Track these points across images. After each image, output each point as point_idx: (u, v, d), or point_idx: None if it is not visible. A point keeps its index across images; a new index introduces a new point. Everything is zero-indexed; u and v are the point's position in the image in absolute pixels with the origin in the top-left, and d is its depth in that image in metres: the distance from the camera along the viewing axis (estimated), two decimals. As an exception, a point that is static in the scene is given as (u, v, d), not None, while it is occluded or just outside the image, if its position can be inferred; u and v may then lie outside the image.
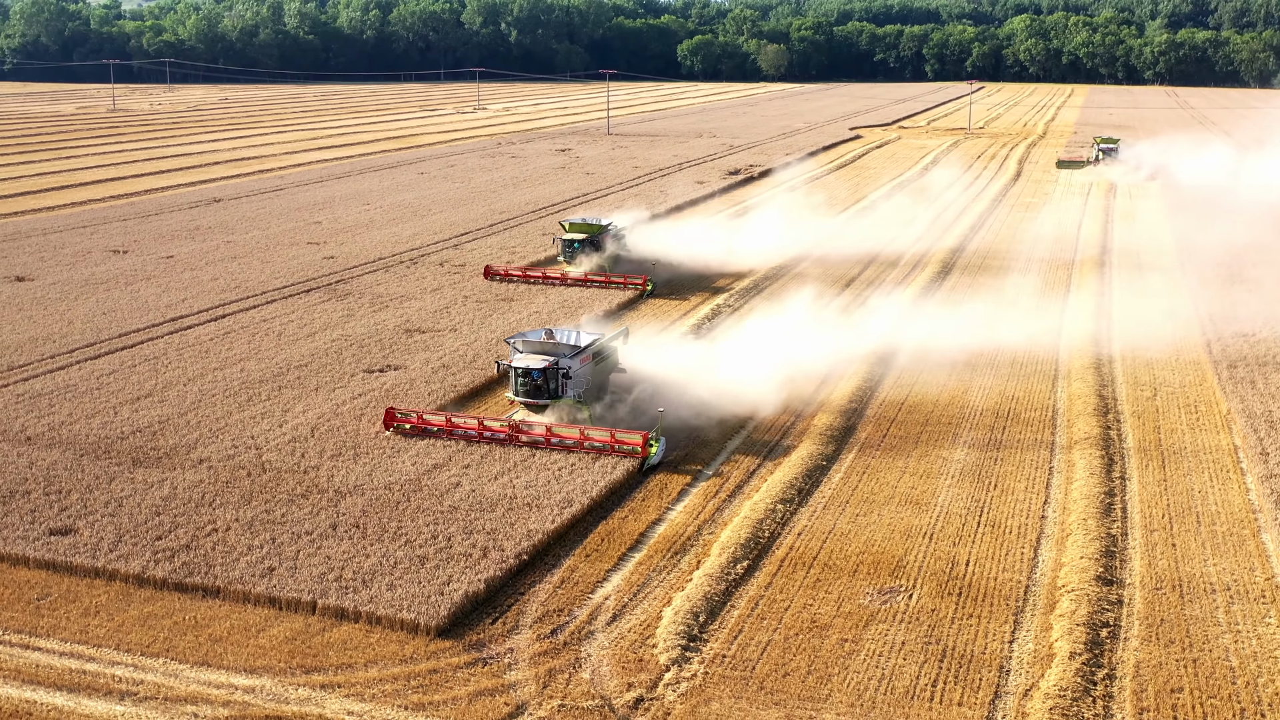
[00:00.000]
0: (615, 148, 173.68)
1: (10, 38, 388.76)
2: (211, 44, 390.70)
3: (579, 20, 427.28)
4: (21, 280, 79.74)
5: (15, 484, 43.83)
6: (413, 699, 31.00)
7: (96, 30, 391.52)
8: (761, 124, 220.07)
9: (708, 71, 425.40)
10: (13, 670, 32.17)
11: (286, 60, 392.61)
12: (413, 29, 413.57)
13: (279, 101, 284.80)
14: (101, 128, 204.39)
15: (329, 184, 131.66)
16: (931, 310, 72.15)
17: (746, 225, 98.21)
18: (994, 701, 31.16)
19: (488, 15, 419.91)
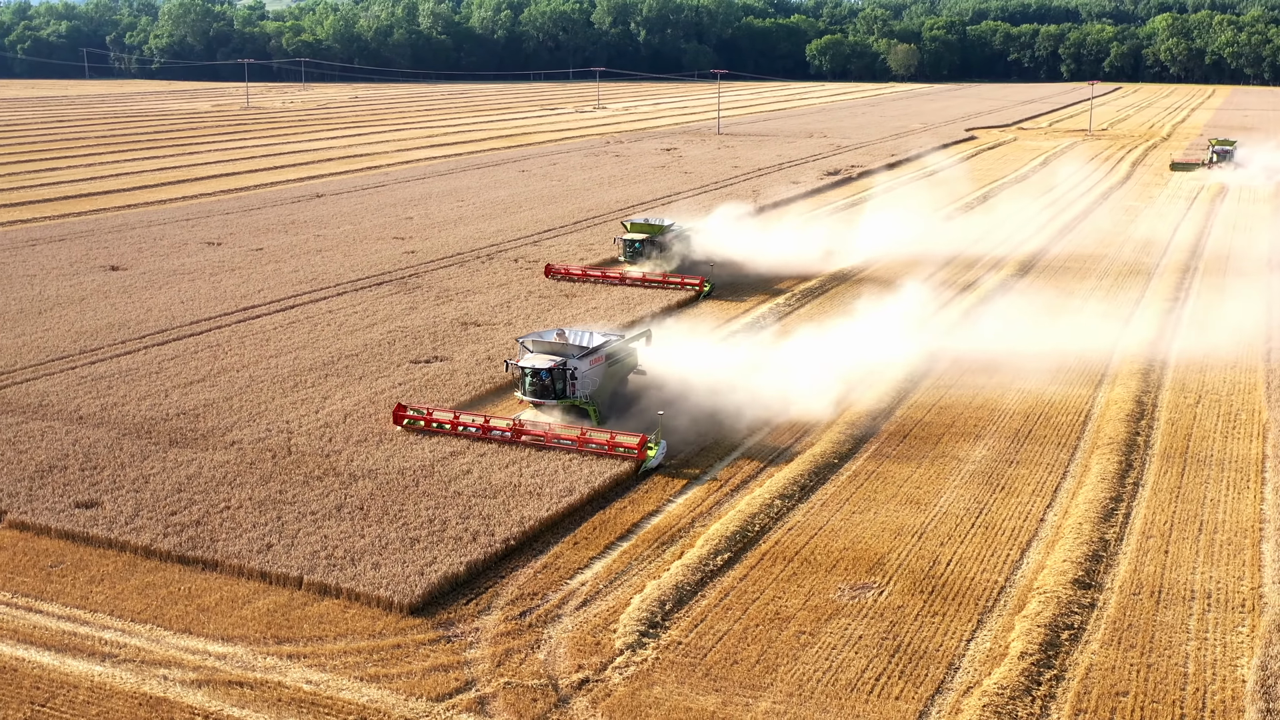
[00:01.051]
0: (721, 147, 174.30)
1: (159, 38, 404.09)
2: (348, 44, 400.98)
3: (708, 20, 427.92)
4: (115, 270, 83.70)
5: (55, 459, 46.53)
6: (370, 671, 32.46)
7: (239, 30, 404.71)
8: (877, 125, 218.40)
9: (836, 71, 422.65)
10: (11, 630, 34.47)
11: (419, 60, 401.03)
12: (543, 29, 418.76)
13: (405, 100, 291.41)
14: (231, 125, 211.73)
15: (430, 181, 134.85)
16: (990, 314, 71.46)
17: (827, 227, 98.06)
18: (933, 697, 31.46)
19: (617, 15, 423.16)
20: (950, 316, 71.14)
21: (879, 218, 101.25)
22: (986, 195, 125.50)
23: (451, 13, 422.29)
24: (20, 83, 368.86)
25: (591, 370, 49.75)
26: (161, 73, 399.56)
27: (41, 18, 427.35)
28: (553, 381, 49.03)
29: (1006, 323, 68.82)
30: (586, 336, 51.76)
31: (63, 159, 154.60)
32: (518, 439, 47.93)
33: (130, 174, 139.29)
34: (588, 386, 49.55)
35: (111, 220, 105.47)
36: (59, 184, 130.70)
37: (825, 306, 73.93)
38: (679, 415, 50.88)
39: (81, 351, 62.18)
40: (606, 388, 50.90)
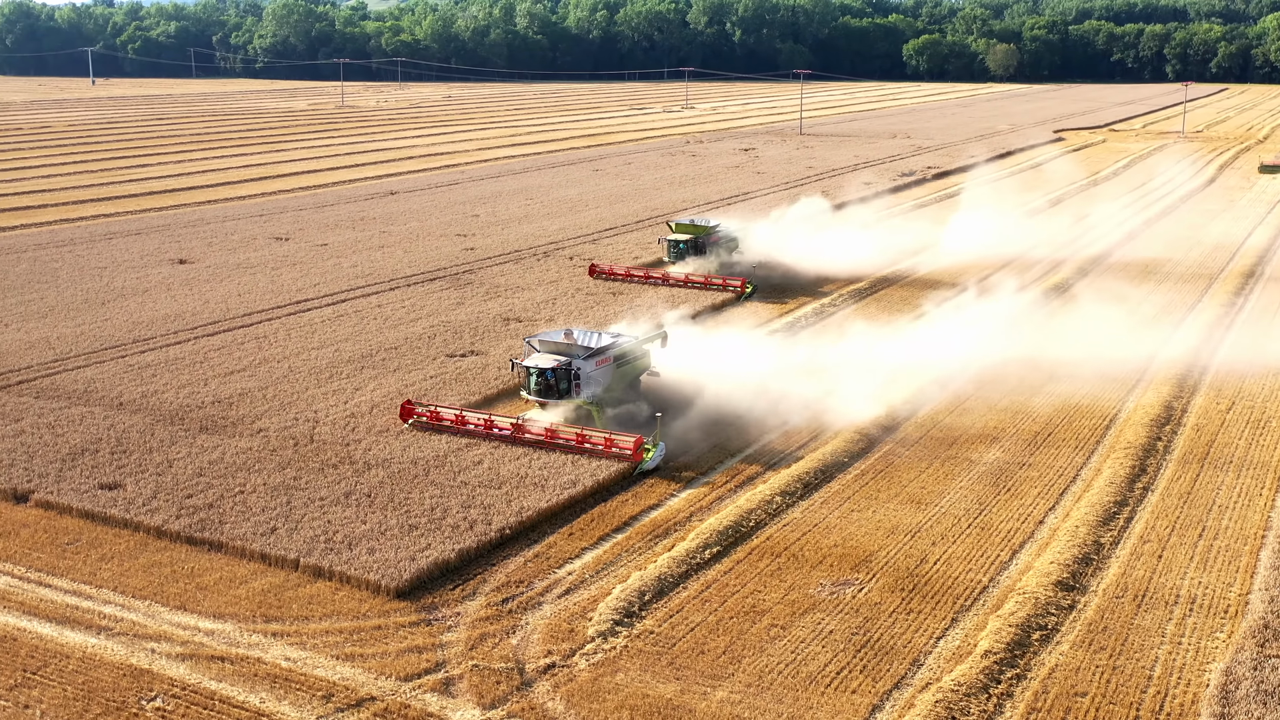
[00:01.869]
0: (800, 148, 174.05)
1: (263, 38, 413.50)
2: (445, 44, 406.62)
3: (804, 20, 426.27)
4: (183, 263, 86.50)
5: (88, 442, 48.60)
6: (347, 650, 33.69)
7: (340, 30, 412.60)
8: (964, 125, 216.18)
9: (933, 72, 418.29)
10: (18, 603, 36.31)
11: (515, 60, 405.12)
12: (638, 29, 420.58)
13: (496, 100, 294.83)
14: (322, 124, 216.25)
15: (504, 179, 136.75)
16: (1037, 318, 70.88)
17: (887, 229, 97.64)
18: (890, 693, 31.82)
19: (713, 15, 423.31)
20: (995, 320, 70.59)
21: (942, 221, 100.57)
22: (1060, 199, 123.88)
23: (548, 13, 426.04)
24: (129, 81, 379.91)
25: (597, 371, 50.06)
26: (265, 72, 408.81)
27: (152, 18, 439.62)
28: (556, 381, 49.50)
29: (1052, 326, 68.31)
30: (594, 337, 52.00)
31: (154, 156, 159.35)
32: (519, 438, 48.42)
33: (216, 170, 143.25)
34: (593, 387, 49.91)
35: (188, 215, 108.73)
36: (147, 180, 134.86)
37: (868, 309, 73.82)
38: (691, 413, 51.32)
39: (134, 341, 64.53)
40: (615, 389, 51.24)
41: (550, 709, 30.99)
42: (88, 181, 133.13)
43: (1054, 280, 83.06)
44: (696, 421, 50.95)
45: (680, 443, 49.26)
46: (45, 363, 60.40)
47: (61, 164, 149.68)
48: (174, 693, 31.39)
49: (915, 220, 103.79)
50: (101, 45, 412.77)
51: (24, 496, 43.79)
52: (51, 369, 59.36)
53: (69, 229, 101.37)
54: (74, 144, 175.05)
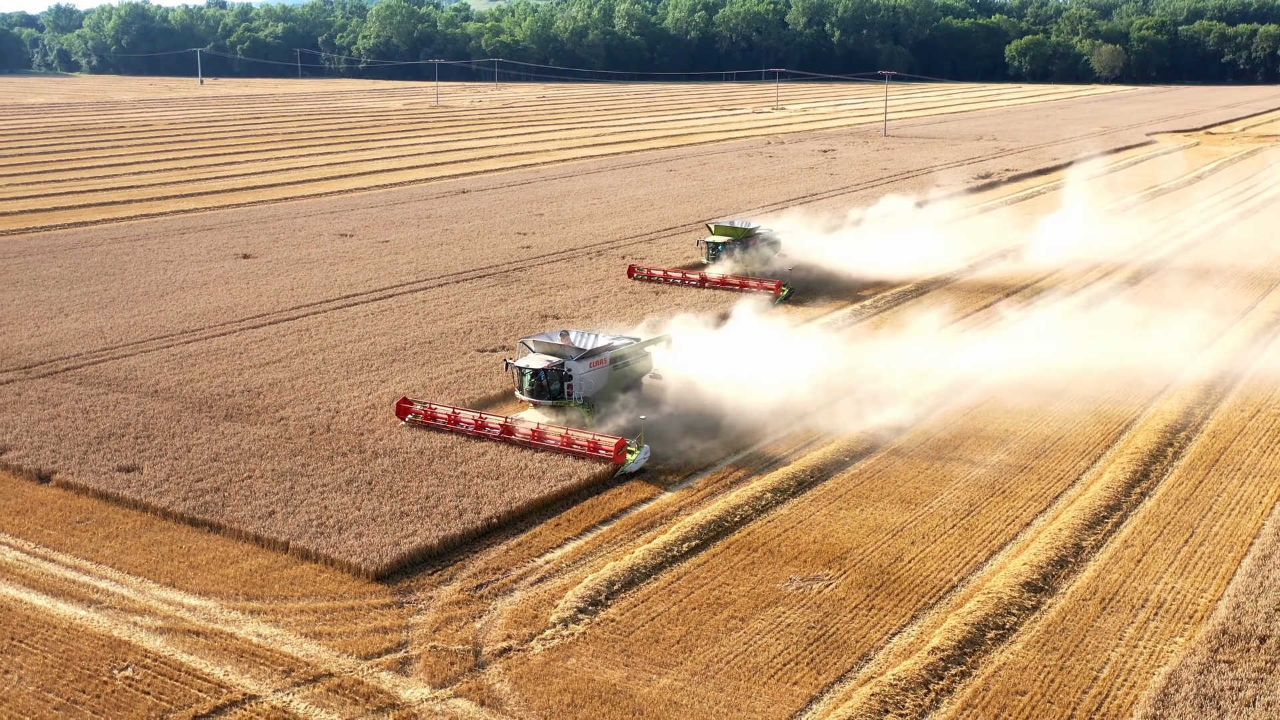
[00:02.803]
0: (880, 150, 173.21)
1: (366, 38, 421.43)
2: (544, 44, 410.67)
3: (905, 20, 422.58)
4: (246, 257, 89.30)
5: (117, 427, 50.86)
6: (316, 629, 35.12)
7: (442, 31, 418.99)
8: (1054, 128, 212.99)
9: (1036, 73, 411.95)
10: (20, 575, 38.38)
11: (613, 60, 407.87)
12: (736, 29, 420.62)
13: (589, 100, 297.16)
14: (413, 124, 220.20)
15: (576, 178, 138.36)
16: (1079, 322, 70.24)
17: (943, 233, 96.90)
18: (832, 685, 32.35)
19: (812, 15, 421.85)
20: (1034, 324, 70.18)
21: (1001, 225, 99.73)
22: (1134, 202, 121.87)
23: (647, 14, 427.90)
24: (236, 81, 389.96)
25: (590, 373, 50.25)
26: (367, 72, 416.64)
27: (261, 19, 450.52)
28: (548, 382, 49.79)
29: (1091, 331, 67.71)
30: (590, 339, 52.34)
31: (244, 154, 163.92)
32: (507, 438, 48.99)
33: (300, 169, 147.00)
34: (585, 388, 50.14)
35: (263, 212, 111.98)
36: (232, 177, 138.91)
37: (904, 313, 73.53)
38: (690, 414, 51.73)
39: (182, 332, 67.03)
40: (610, 390, 51.36)
41: (497, 690, 32.05)
42: (176, 178, 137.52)
43: (1106, 285, 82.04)
44: (695, 422, 51.28)
45: (679, 442, 49.75)
46: (94, 351, 63.05)
47: (154, 161, 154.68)
48: (145, 663, 33.03)
49: (975, 224, 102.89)
50: (212, 46, 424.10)
51: (47, 476, 46.03)
52: (99, 357, 61.96)
53: (146, 224, 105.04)
54: (170, 142, 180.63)
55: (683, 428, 50.73)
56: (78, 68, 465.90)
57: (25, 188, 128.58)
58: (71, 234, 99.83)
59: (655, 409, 51.75)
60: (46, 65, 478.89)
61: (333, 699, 31.43)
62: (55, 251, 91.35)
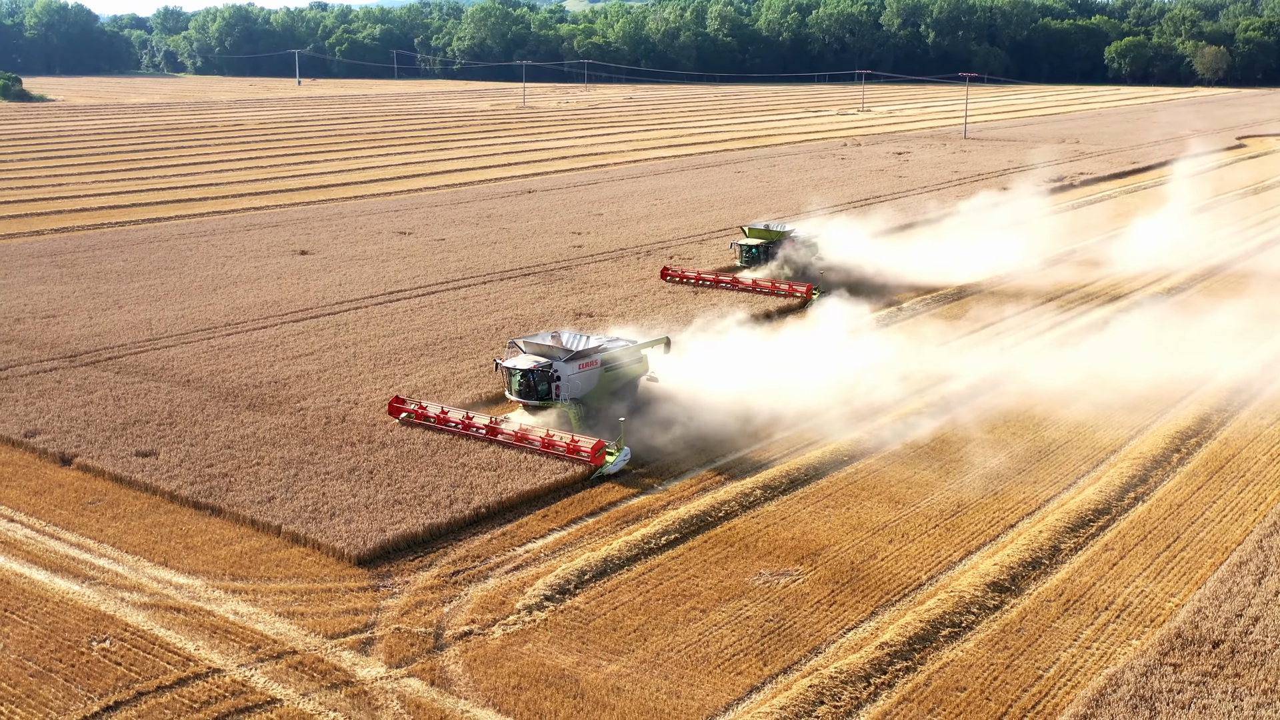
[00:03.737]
0: (956, 152, 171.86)
1: (461, 40, 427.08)
2: (635, 46, 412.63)
3: (1001, 21, 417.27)
4: (304, 254, 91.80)
5: (143, 414, 53.04)
6: (291, 609, 36.58)
7: (535, 33, 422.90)
8: (1141, 131, 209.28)
9: (1136, 75, 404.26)
10: (25, 551, 40.42)
11: (704, 62, 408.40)
12: (829, 31, 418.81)
13: (675, 102, 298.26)
14: (496, 124, 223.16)
15: (643, 179, 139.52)
16: (1114, 329, 69.46)
17: (993, 237, 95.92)
18: (775, 676, 32.96)
19: (907, 16, 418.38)
20: (1069, 330, 69.68)
21: (1058, 230, 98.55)
22: (1200, 209, 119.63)
23: (739, 15, 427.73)
24: (333, 82, 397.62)
25: (578, 374, 50.36)
26: (462, 73, 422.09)
27: (359, 21, 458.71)
28: (536, 383, 50.08)
29: (1125, 338, 67.02)
30: (582, 340, 52.35)
31: (324, 153, 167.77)
32: (493, 437, 49.56)
33: (376, 168, 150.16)
34: (574, 390, 50.31)
35: (329, 210, 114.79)
36: (309, 175, 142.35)
37: (935, 318, 73.28)
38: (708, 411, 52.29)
39: (226, 324, 69.34)
40: (601, 393, 51.45)
41: (449, 671, 33.21)
42: (254, 176, 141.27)
43: (1150, 292, 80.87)
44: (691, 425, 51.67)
45: (681, 441, 50.52)
46: (139, 341, 65.54)
47: (237, 160, 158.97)
48: (123, 636, 34.72)
49: (1033, 229, 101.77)
50: (311, 48, 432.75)
51: (69, 459, 48.23)
52: (142, 347, 64.41)
53: (215, 220, 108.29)
54: (256, 142, 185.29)
55: (676, 427, 51.17)
56: (183, 69, 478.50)
57: (110, 184, 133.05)
58: (143, 229, 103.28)
59: (653, 408, 52.26)
60: (154, 66, 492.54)
61: (291, 675, 32.80)
62: (124, 246, 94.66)
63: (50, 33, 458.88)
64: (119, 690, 31.91)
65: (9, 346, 64.38)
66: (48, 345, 64.65)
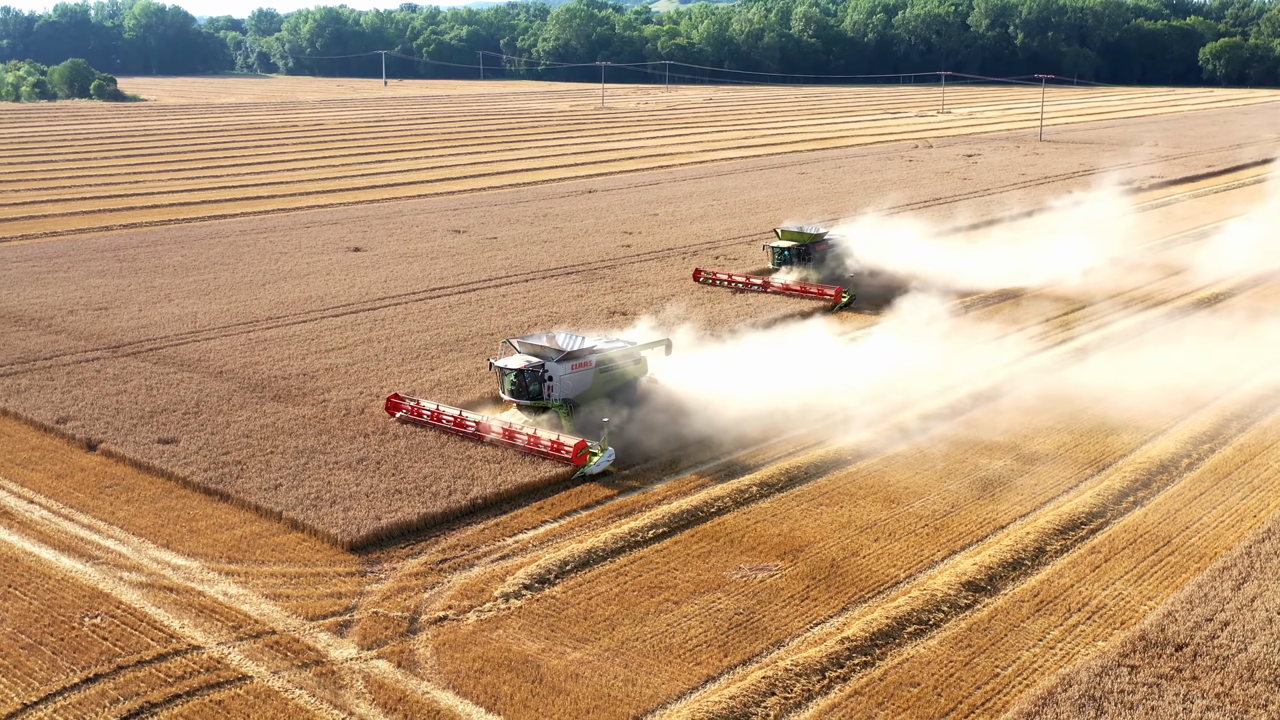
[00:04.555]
0: (1028, 155, 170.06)
1: (546, 41, 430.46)
2: (719, 47, 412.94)
3: (1093, 22, 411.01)
4: (357, 251, 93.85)
5: (171, 403, 54.93)
6: (278, 590, 37.90)
7: (620, 34, 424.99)
8: (1224, 134, 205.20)
9: (1231, 77, 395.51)
10: (39, 531, 42.25)
11: (788, 63, 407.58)
12: (915, 31, 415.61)
13: (755, 103, 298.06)
14: (571, 125, 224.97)
15: (705, 180, 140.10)
16: (1151, 336, 68.68)
17: (1042, 243, 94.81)
18: (734, 668, 33.50)
19: (995, 17, 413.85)
20: (1107, 334, 68.98)
21: (1116, 235, 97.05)
22: (1242, 221, 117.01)
23: (825, 16, 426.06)
24: (419, 83, 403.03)
25: (571, 375, 50.57)
26: (546, 74, 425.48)
27: (447, 22, 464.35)
28: (528, 382, 50.49)
29: (1159, 344, 66.25)
30: (576, 340, 52.45)
31: (394, 153, 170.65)
32: (481, 436, 50.08)
33: (444, 167, 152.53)
34: (566, 390, 50.46)
35: (389, 208, 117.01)
36: (377, 174, 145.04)
37: (966, 323, 72.47)
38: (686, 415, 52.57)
39: (268, 318, 71.29)
40: (595, 394, 51.55)
41: (418, 654, 34.25)
42: (324, 175, 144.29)
43: (1190, 301, 79.52)
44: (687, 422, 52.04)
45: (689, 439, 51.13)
46: (181, 334, 67.69)
47: (311, 158, 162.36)
48: (114, 613, 36.25)
49: (1090, 233, 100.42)
50: (399, 49, 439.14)
51: (94, 445, 50.17)
52: (184, 339, 66.53)
53: (278, 218, 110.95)
54: (333, 141, 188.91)
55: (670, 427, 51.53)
56: (276, 69, 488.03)
57: (184, 182, 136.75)
58: (207, 226, 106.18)
59: (663, 407, 52.75)
60: (248, 67, 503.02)
61: (266, 653, 34.05)
62: (186, 242, 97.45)
63: (148, 34, 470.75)
64: (100, 664, 33.35)
65: (58, 337, 66.82)
66: (94, 336, 67.00)
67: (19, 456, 49.56)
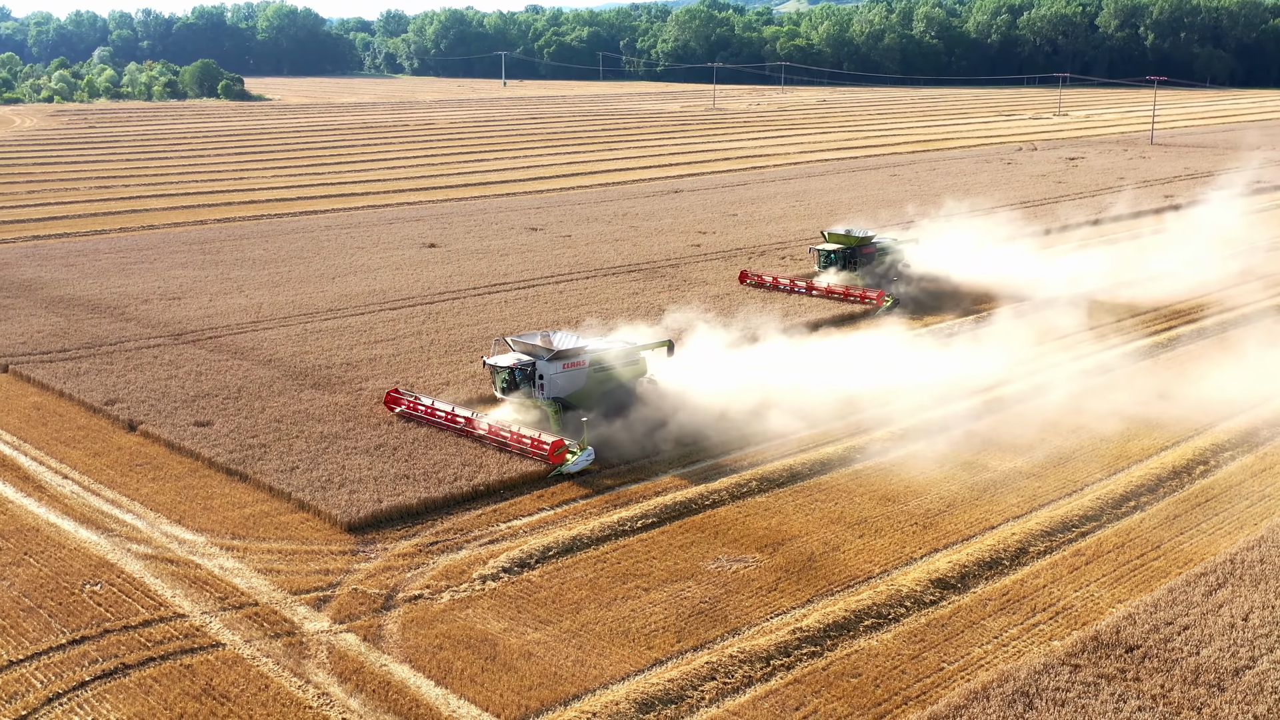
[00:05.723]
0: (1134, 158, 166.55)
1: (665, 42, 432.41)
2: (838, 48, 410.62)
3: (1228, 22, 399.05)
4: (432, 247, 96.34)
5: (216, 388, 57.50)
6: (271, 565, 39.78)
7: (739, 35, 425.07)
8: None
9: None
10: (65, 505, 44.82)
11: (908, 64, 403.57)
12: (1040, 32, 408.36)
13: (868, 104, 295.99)
14: (677, 126, 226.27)
15: (794, 181, 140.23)
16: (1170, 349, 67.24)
17: (1114, 250, 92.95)
18: (686, 652, 34.33)
19: (1125, 18, 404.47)
20: (1151, 342, 68.00)
21: (1189, 242, 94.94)
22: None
23: (947, 16, 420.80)
24: (538, 83, 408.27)
25: (562, 374, 50.90)
26: (665, 75, 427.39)
27: (569, 23, 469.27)
28: (517, 381, 50.98)
29: (1194, 356, 64.92)
30: (572, 340, 52.66)
31: (492, 152, 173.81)
32: (469, 432, 50.83)
33: (538, 166, 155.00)
34: (557, 389, 50.55)
35: (473, 206, 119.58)
36: (471, 174, 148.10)
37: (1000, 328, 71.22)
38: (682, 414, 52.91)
39: (328, 310, 73.84)
40: (590, 393, 51.81)
41: (385, 629, 35.78)
42: (424, 173, 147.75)
43: (1232, 316, 76.07)
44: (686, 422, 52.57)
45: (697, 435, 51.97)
46: (242, 323, 70.51)
47: (413, 157, 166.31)
48: (114, 582, 38.46)
49: (1164, 240, 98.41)
50: (521, 50, 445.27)
51: (134, 426, 52.83)
52: (243, 329, 69.33)
53: (365, 214, 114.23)
54: (439, 140, 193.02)
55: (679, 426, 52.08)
56: (401, 70, 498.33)
57: (286, 178, 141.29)
58: (296, 221, 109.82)
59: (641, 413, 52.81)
60: (375, 68, 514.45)
61: (243, 623, 35.89)
62: (271, 236, 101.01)
63: (280, 36, 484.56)
64: (89, 627, 35.51)
65: (127, 324, 70.14)
66: (161, 324, 70.17)
67: (64, 435, 52.38)
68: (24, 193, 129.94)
